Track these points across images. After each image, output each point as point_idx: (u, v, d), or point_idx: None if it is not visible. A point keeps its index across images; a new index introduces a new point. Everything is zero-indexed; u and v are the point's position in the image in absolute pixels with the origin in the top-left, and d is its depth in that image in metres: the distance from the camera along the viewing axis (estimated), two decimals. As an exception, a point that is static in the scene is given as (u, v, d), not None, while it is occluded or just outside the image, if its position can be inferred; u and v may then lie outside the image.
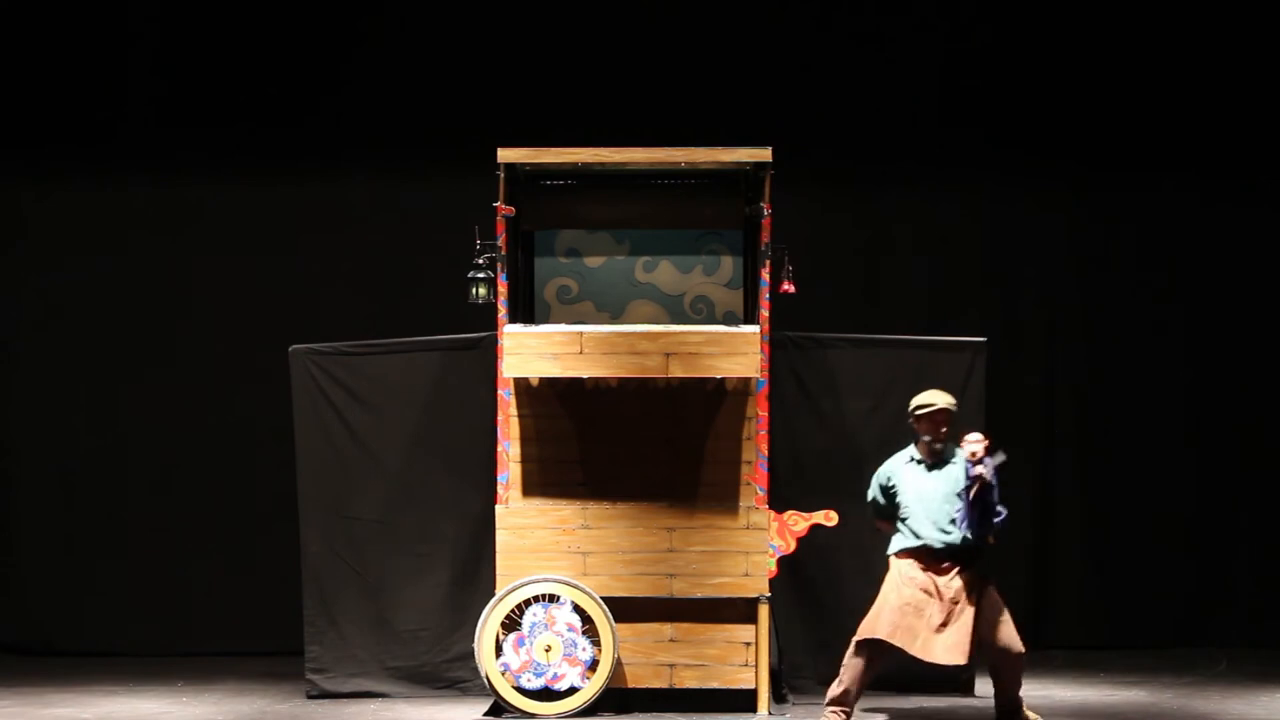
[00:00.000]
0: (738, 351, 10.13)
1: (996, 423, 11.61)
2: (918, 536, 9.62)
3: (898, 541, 9.72)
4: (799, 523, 10.36)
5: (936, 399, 9.73)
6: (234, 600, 12.82)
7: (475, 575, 10.74)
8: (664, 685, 10.25)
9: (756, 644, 10.24)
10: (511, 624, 10.13)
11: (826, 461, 10.87)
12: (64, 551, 12.99)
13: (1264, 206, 13.24)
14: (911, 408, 9.77)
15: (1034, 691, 11.03)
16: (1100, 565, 13.06)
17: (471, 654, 10.38)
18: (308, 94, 13.15)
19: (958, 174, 13.12)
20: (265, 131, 13.13)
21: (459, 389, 10.86)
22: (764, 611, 10.26)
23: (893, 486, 9.77)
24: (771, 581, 10.32)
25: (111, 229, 13.15)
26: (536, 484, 10.32)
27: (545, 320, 10.71)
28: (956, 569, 9.58)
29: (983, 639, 9.51)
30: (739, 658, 10.23)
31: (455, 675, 10.84)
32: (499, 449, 10.39)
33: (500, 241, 10.40)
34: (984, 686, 10.91)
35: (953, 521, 9.58)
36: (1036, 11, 13.18)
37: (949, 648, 9.45)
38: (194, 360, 13.05)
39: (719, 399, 10.33)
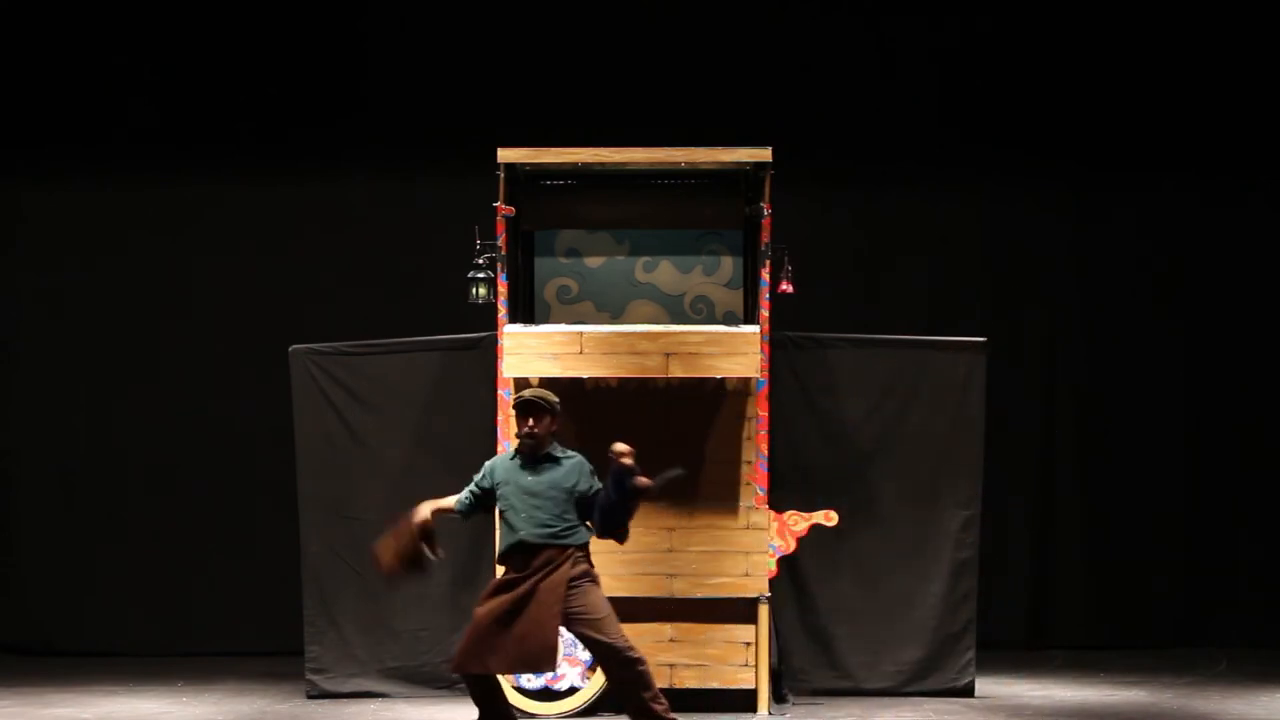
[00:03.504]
0: (738, 351, 10.13)
1: (997, 423, 11.64)
2: (514, 531, 8.71)
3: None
4: (799, 523, 10.36)
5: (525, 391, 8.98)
6: (234, 600, 12.82)
7: (475, 575, 10.74)
8: (664, 685, 10.19)
9: (756, 644, 10.24)
10: (511, 624, 10.13)
11: (826, 461, 10.86)
12: (64, 551, 12.99)
13: (1264, 206, 13.23)
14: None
15: (1034, 691, 11.04)
16: (1100, 565, 13.05)
17: (471, 654, 10.37)
18: (308, 94, 13.15)
19: (958, 174, 13.12)
20: (265, 131, 13.13)
21: (459, 389, 10.86)
22: (764, 611, 10.26)
23: (497, 484, 8.84)
24: (771, 581, 10.32)
25: (111, 229, 13.16)
26: (536, 484, 10.31)
27: (545, 320, 10.71)
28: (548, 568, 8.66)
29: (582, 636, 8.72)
30: (739, 658, 10.23)
31: (455, 675, 10.83)
32: (499, 449, 10.39)
33: (500, 241, 10.40)
34: (984, 687, 10.93)
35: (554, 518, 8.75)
36: (1036, 12, 13.18)
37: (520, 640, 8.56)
38: (194, 360, 13.05)
39: (719, 399, 10.33)
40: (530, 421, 8.80)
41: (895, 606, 10.83)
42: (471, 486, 8.98)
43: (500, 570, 8.91)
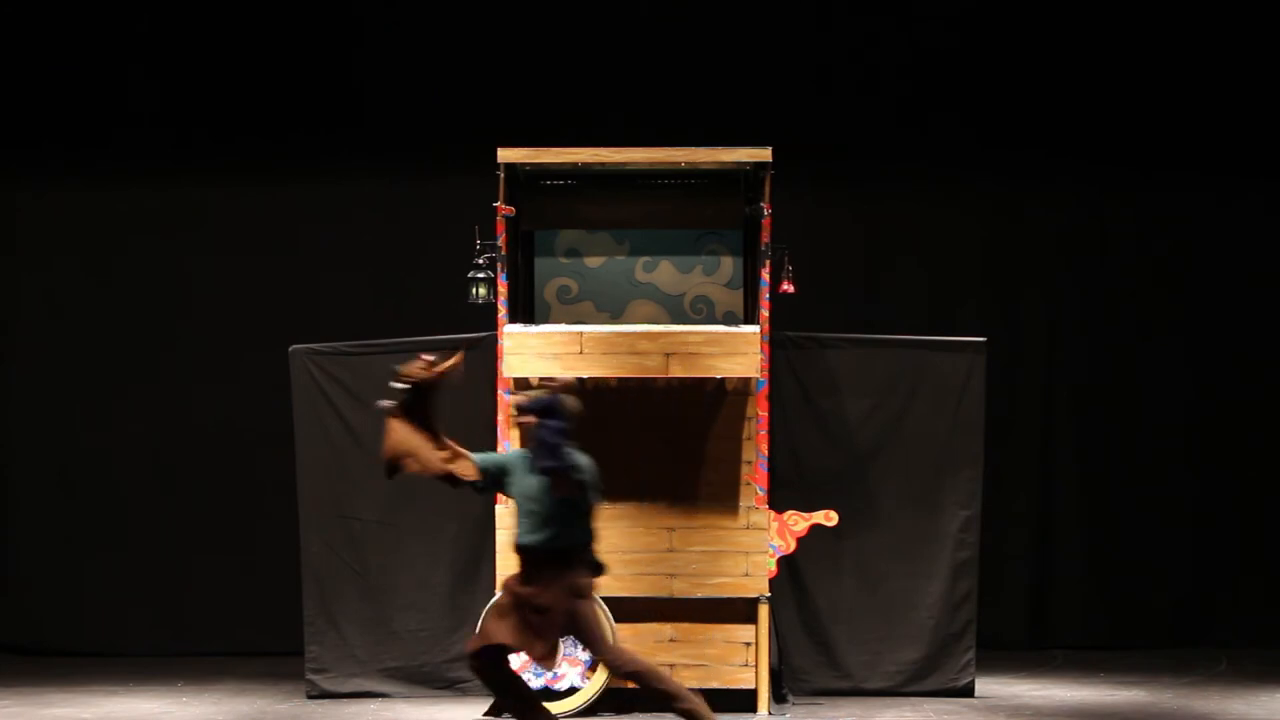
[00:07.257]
0: (738, 351, 10.13)
1: (997, 423, 11.64)
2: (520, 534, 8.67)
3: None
4: (799, 523, 10.36)
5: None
6: (234, 600, 12.81)
7: (475, 575, 10.75)
8: (664, 686, 10.24)
9: (756, 644, 10.24)
10: (511, 624, 10.12)
11: (826, 461, 10.86)
12: (63, 551, 12.98)
13: (1264, 205, 13.22)
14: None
15: (1034, 691, 11.04)
16: (1100, 565, 13.05)
17: (471, 654, 10.38)
18: (308, 94, 13.14)
19: (958, 173, 13.11)
20: (265, 132, 13.12)
21: (459, 389, 10.84)
22: (764, 611, 10.27)
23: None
24: (771, 581, 10.32)
25: (111, 230, 13.15)
26: (536, 484, 10.31)
27: (545, 320, 10.71)
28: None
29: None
30: (739, 658, 10.23)
31: (455, 675, 10.84)
32: (499, 449, 10.39)
33: (500, 241, 10.40)
34: (984, 687, 10.93)
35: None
36: (1037, 11, 13.17)
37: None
38: (194, 360, 13.04)
39: (719, 399, 10.33)
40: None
41: (895, 606, 10.83)
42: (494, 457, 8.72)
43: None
